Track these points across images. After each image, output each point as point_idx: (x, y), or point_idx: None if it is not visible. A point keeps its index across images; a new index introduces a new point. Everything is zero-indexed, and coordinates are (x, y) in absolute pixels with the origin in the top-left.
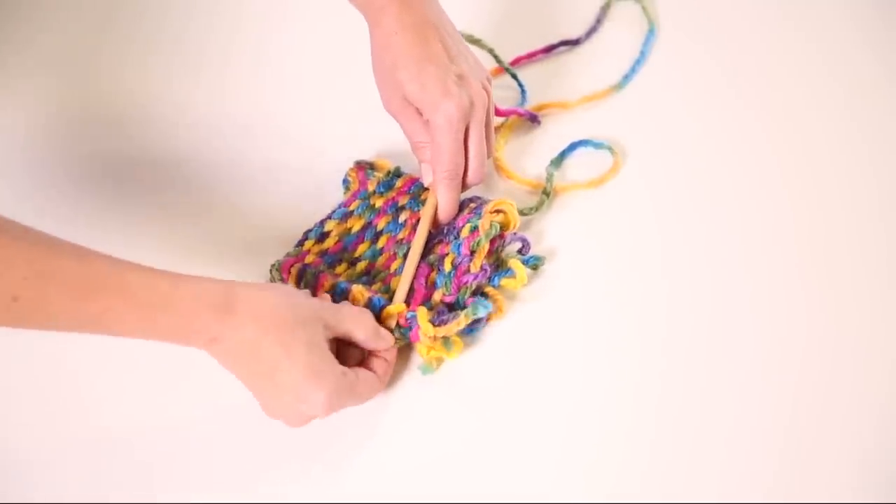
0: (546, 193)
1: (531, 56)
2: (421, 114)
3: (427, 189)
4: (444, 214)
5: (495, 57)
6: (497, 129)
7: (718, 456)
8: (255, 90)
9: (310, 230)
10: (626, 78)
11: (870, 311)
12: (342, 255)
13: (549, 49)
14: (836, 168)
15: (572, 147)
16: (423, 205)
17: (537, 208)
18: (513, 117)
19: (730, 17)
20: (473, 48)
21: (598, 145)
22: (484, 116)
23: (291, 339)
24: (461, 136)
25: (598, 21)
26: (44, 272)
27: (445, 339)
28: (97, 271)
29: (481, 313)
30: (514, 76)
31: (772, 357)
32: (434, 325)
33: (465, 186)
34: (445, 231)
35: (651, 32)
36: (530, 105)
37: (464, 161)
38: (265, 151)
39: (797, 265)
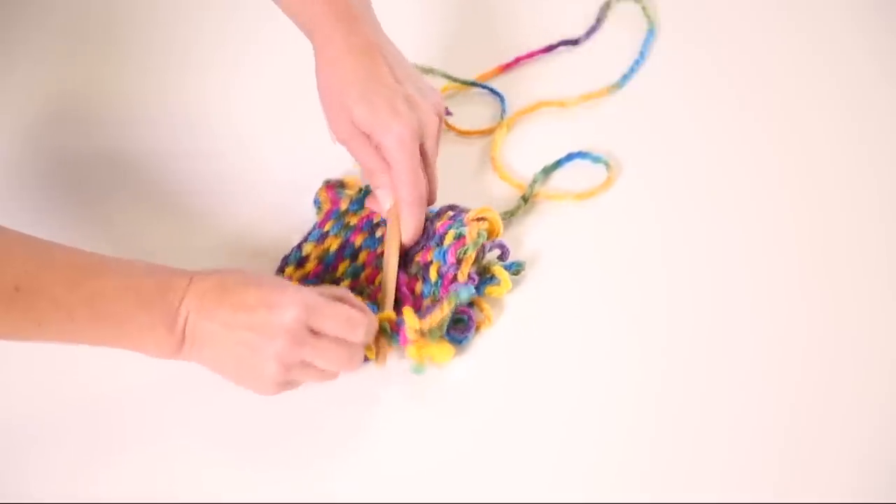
0: (524, 199)
1: (531, 56)
2: (370, 138)
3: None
4: (410, 239)
5: (451, 79)
6: (495, 127)
7: (718, 461)
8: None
9: (288, 255)
10: (626, 78)
11: (870, 311)
12: (324, 276)
13: (548, 49)
14: (836, 170)
15: (569, 158)
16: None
17: (513, 213)
18: (512, 115)
19: (730, 18)
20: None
21: (596, 159)
22: (437, 137)
23: (254, 273)
24: (417, 157)
25: (598, 21)
26: (41, 263)
27: (433, 334)
28: (89, 259)
29: (464, 297)
30: (481, 86)
31: (772, 365)
32: (420, 319)
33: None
34: (425, 236)
35: (651, 33)
36: (526, 106)
37: (425, 181)
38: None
39: (797, 266)
